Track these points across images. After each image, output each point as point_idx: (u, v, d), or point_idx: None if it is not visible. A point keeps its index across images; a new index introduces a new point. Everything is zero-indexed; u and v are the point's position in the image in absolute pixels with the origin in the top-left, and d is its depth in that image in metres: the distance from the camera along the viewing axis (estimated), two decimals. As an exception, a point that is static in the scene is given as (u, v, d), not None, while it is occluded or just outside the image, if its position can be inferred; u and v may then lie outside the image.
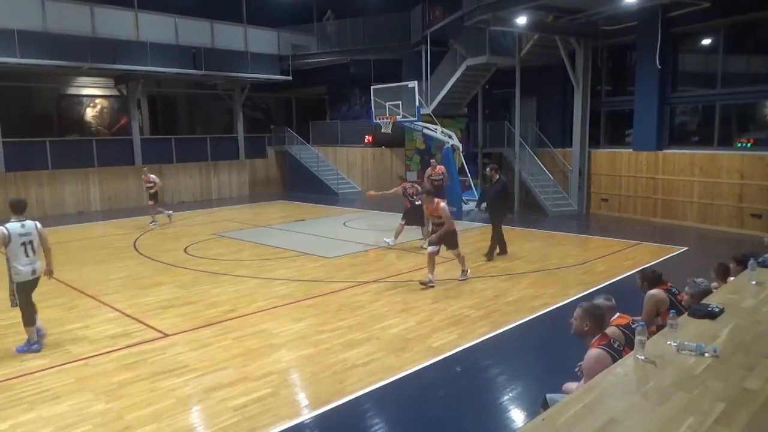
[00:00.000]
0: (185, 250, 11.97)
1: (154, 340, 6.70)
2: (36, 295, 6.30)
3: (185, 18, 20.34)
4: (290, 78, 22.79)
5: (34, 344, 6.48)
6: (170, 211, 16.11)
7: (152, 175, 15.47)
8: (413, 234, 11.95)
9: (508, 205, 11.08)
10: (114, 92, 22.31)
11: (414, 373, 5.62)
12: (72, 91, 22.38)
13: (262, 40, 22.50)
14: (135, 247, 12.56)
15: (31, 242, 6.37)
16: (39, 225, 6.53)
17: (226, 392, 5.24)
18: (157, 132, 23.38)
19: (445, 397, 5.20)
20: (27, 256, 6.35)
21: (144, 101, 22.72)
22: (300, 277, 9.52)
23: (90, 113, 22.87)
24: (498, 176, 10.62)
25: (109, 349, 6.41)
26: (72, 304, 8.29)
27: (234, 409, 4.90)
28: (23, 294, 6.43)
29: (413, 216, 11.59)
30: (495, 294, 8.27)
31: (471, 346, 6.31)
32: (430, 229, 9.33)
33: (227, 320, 7.37)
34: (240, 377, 5.56)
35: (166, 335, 6.82)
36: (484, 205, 11.26)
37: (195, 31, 20.58)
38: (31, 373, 5.81)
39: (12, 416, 4.90)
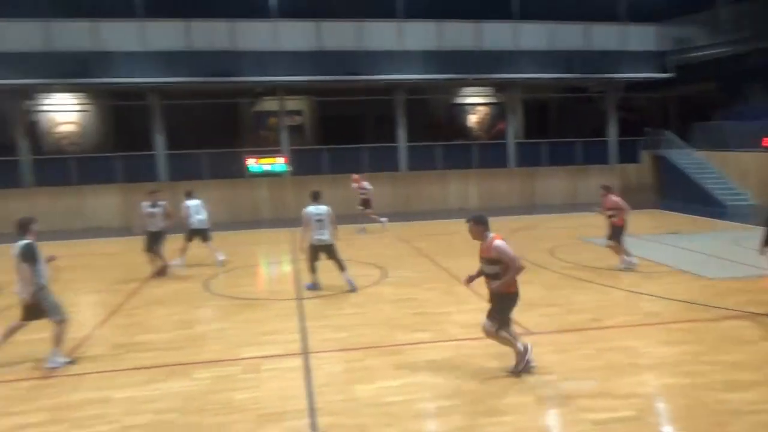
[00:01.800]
0: (551, 252, 12.21)
1: (519, 335, 7.05)
2: (420, 280, 7.39)
3: (561, 23, 20.65)
4: (671, 75, 20.79)
5: (310, 285, 9.56)
6: (384, 219, 16.30)
7: (365, 183, 16.15)
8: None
9: None
10: (493, 100, 24.25)
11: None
12: (459, 100, 25.26)
13: (640, 36, 21.21)
14: (503, 245, 13.43)
15: (321, 220, 9.23)
16: (329, 209, 9.37)
17: (586, 403, 5.15)
18: (529, 136, 24.44)
19: None
20: (318, 228, 9.26)
21: (519, 107, 24.03)
22: (672, 296, 8.64)
23: (472, 120, 25.41)
24: None
25: (478, 336, 7.02)
26: (449, 290, 9.41)
27: (593, 423, 4.78)
28: (311, 252, 9.44)
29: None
30: None
31: None
32: (474, 274, 5.99)
33: (589, 329, 7.23)
34: (601, 391, 5.40)
35: (530, 333, 7.11)
36: None
37: (570, 35, 20.73)
38: (416, 344, 6.84)
39: (402, 376, 5.86)
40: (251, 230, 17.76)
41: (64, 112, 22.77)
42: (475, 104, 25.48)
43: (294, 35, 19.61)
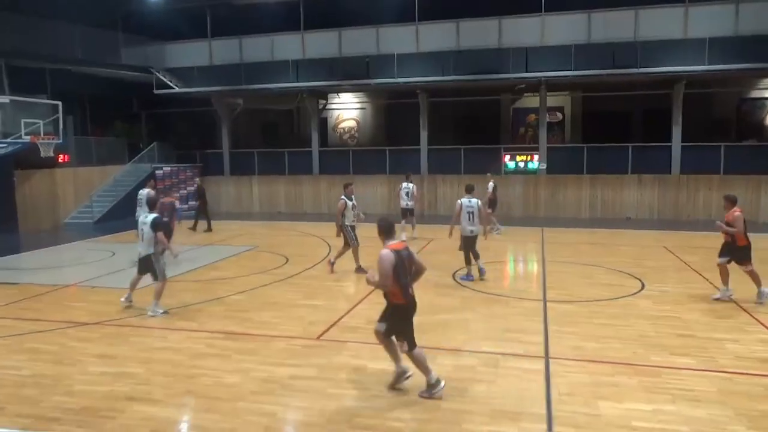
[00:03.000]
0: None
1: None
2: (687, 297, 6.48)
3: None
4: None
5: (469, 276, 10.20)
6: (500, 227, 15.98)
7: (490, 183, 16.10)
8: None
9: None
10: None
11: None
12: (754, 94, 21.50)
13: None
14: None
15: (472, 213, 9.94)
16: (479, 202, 10.11)
17: None
18: None
19: None
20: (469, 220, 9.96)
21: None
22: None
23: (772, 117, 21.39)
24: None
25: (756, 372, 5.96)
26: (725, 313, 8.15)
27: None
28: (465, 244, 10.11)
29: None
30: None
31: None
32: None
33: None
34: None
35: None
36: None
37: None
38: (676, 368, 6.10)
39: (655, 402, 5.29)
40: (502, 227, 17.78)
41: (346, 109, 25.93)
42: (777, 98, 21.34)
43: (561, 29, 18.98)
